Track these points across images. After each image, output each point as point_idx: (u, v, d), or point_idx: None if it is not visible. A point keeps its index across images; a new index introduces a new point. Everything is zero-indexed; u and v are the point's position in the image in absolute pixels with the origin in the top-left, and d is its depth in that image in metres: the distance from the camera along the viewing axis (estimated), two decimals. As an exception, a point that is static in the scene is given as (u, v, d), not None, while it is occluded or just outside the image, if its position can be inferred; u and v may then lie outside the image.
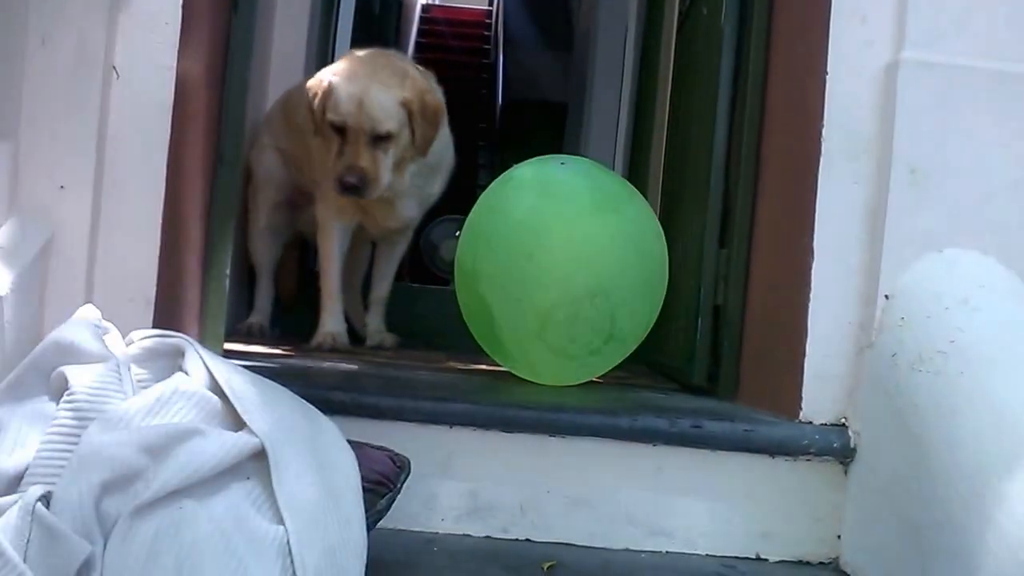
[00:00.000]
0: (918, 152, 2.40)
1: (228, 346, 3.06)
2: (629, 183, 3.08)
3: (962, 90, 2.41)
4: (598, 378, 3.16)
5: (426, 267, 7.75)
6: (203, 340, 2.65)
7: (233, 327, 3.94)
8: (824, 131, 2.48)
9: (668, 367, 3.32)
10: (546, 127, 8.28)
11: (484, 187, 3.20)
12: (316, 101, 3.49)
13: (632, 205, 2.97)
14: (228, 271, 2.78)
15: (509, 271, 2.86)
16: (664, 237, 3.03)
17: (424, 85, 3.56)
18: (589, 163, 3.14)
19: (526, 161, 3.11)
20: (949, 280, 2.31)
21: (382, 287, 4.02)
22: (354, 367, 3.02)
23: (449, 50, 11.81)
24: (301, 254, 4.54)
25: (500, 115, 9.57)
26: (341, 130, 3.45)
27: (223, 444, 1.82)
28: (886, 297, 2.37)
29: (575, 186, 2.97)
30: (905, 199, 2.40)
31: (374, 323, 4.00)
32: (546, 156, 3.11)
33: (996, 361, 2.10)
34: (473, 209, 3.09)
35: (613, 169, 5.16)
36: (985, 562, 1.84)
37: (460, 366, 3.28)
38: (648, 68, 4.68)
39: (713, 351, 2.99)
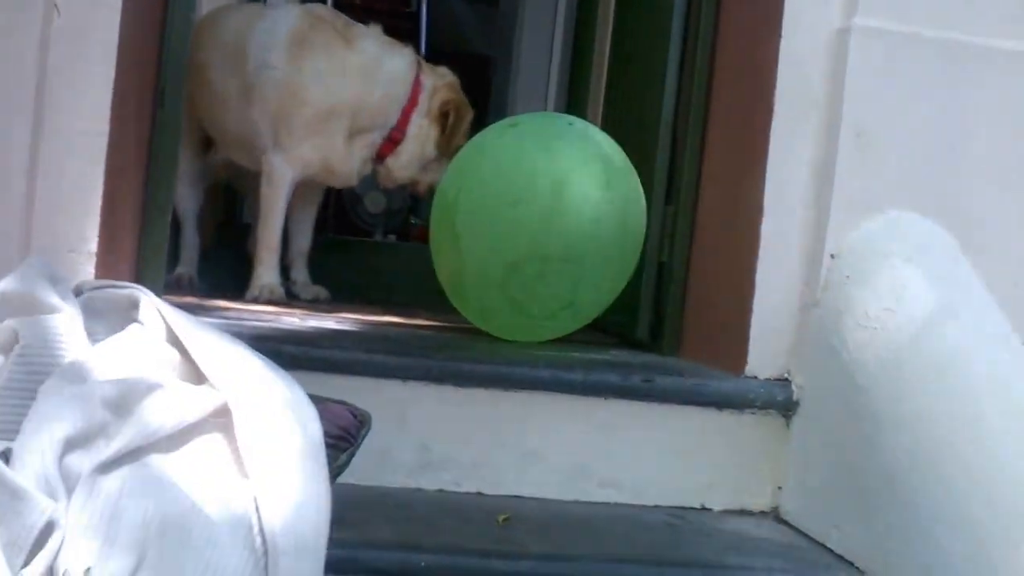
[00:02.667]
0: (865, 115, 2.45)
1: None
2: (628, 160, 3.03)
3: (910, 56, 2.47)
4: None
5: (349, 219, 7.69)
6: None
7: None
8: (777, 91, 2.52)
9: (612, 322, 3.35)
10: (471, 80, 8.22)
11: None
12: None
13: (626, 182, 2.94)
14: (168, 220, 2.73)
15: (490, 213, 2.85)
16: (647, 219, 3.01)
17: None
18: (594, 129, 3.12)
19: (535, 112, 3.11)
20: (893, 240, 2.37)
21: (305, 240, 3.95)
22: (298, 321, 3.02)
23: (367, -6, 11.62)
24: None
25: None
26: None
27: (185, 399, 1.79)
28: (832, 256, 2.41)
29: (576, 150, 2.95)
30: (852, 161, 2.45)
31: (304, 276, 3.93)
32: (555, 113, 3.09)
33: (936, 317, 2.16)
34: (467, 146, 3.09)
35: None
36: (927, 507, 1.90)
37: (402, 320, 3.27)
38: (584, 22, 4.65)
39: (656, 307, 3.02)
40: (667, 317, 2.94)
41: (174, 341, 1.91)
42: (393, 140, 3.58)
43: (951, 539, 1.86)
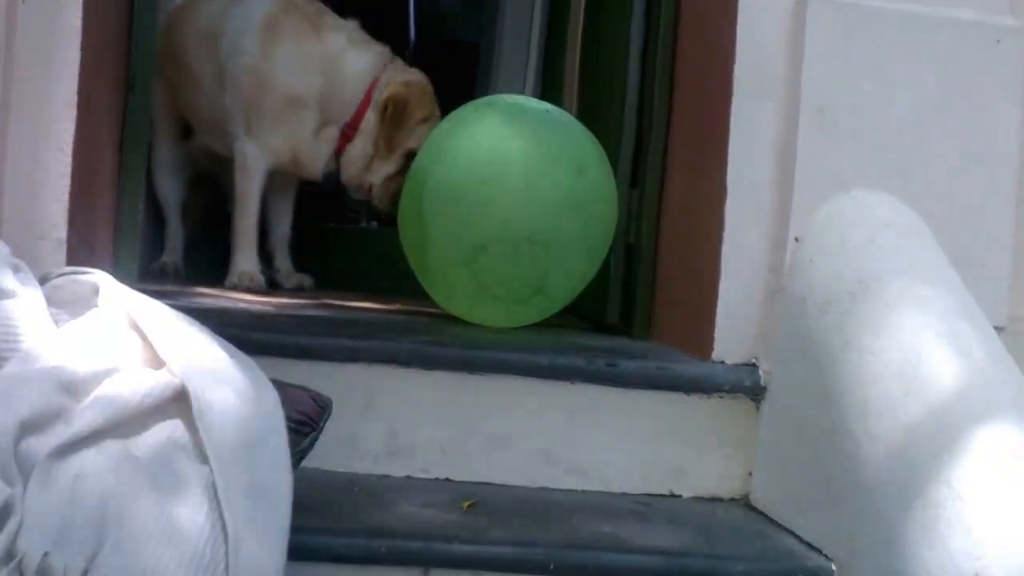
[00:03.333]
0: (826, 92, 2.45)
1: (140, 287, 3.01)
2: (603, 151, 3.01)
3: (869, 30, 2.46)
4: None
5: (336, 206, 7.66)
6: (117, 279, 2.61)
7: (146, 268, 3.89)
8: (736, 69, 2.51)
9: (581, 306, 3.35)
10: (457, 67, 8.20)
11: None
12: None
13: (598, 169, 2.92)
14: (141, 207, 2.73)
15: (458, 190, 2.84)
16: (618, 206, 2.99)
17: None
18: (572, 119, 3.10)
19: (509, 95, 3.16)
20: (856, 220, 2.37)
21: (284, 227, 3.94)
22: (271, 307, 3.01)
23: (357, -17, 11.59)
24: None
25: (411, 53, 9.46)
26: None
27: (144, 383, 1.80)
28: (796, 240, 2.41)
29: (551, 134, 2.92)
30: (814, 139, 2.45)
31: (287, 264, 3.92)
32: (534, 98, 3.15)
33: (901, 299, 2.17)
34: (444, 120, 3.09)
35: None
36: (892, 496, 1.91)
37: (378, 306, 3.26)
38: (559, 8, 4.65)
39: (626, 290, 3.02)
40: (637, 301, 2.94)
41: (135, 327, 1.91)
42: (346, 136, 3.56)
43: (910, 525, 1.86)
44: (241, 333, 2.30)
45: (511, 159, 2.83)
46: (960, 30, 2.50)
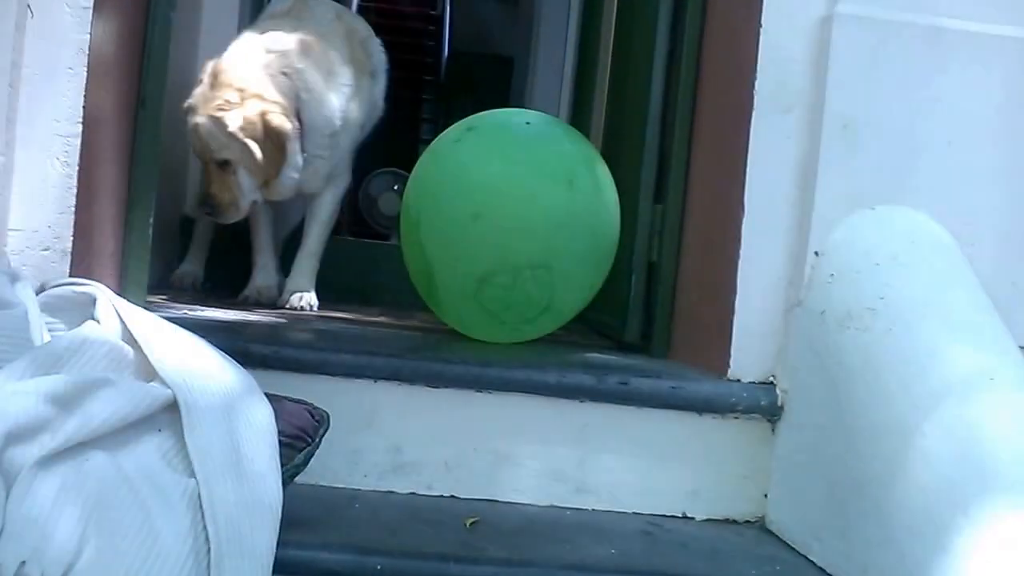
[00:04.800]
0: (850, 107, 2.43)
1: (153, 298, 3.03)
2: (593, 148, 3.02)
3: (895, 45, 2.44)
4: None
5: (365, 221, 7.69)
6: (124, 291, 2.63)
7: (163, 278, 3.92)
8: (757, 84, 2.50)
9: (603, 324, 3.33)
10: (493, 80, 8.23)
11: (428, 142, 3.16)
12: None
13: (591, 177, 2.89)
14: (151, 220, 2.75)
15: (452, 228, 2.82)
16: (619, 209, 2.97)
17: (266, 107, 3.47)
18: (554, 124, 3.07)
19: (491, 112, 3.06)
20: (880, 237, 2.34)
21: (307, 243, 3.90)
22: (279, 321, 3.02)
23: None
24: None
25: (446, 67, 9.51)
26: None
27: (134, 395, 1.82)
28: (816, 254, 2.39)
29: (535, 151, 2.89)
30: (837, 155, 2.42)
31: (295, 282, 3.86)
32: (512, 110, 3.05)
33: (924, 318, 2.14)
34: (426, 153, 3.05)
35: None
36: (905, 520, 1.87)
37: (392, 321, 3.25)
38: (591, 21, 4.65)
39: (647, 308, 3.00)
40: (656, 319, 2.92)
41: (129, 338, 1.93)
42: None
43: (923, 552, 1.83)
44: (245, 346, 2.33)
45: (499, 188, 2.80)
46: (990, 45, 2.48)
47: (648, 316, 3.00)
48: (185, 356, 1.96)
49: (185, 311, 2.94)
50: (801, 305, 2.38)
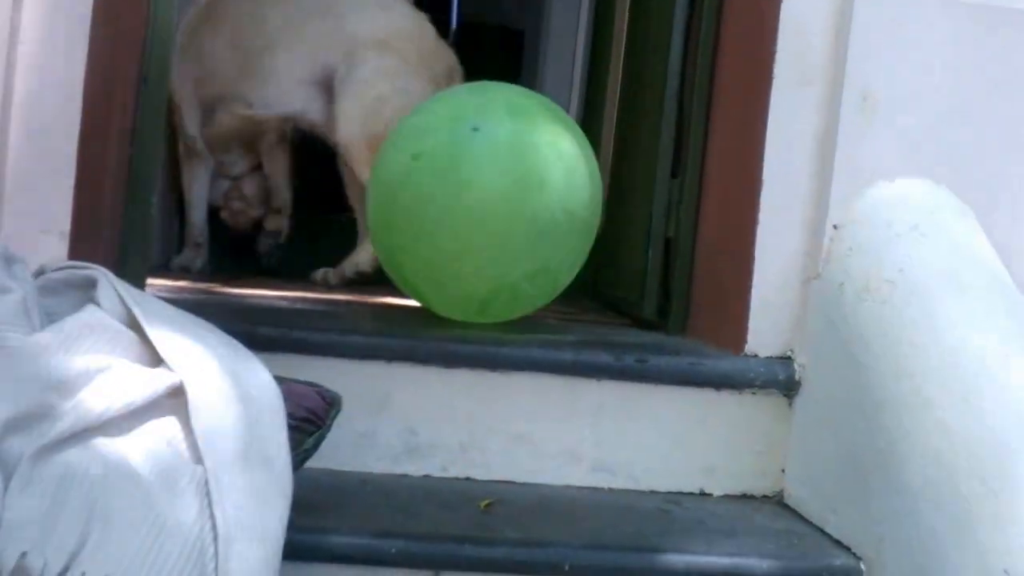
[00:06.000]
0: (870, 78, 2.40)
1: (156, 281, 3.02)
2: (553, 122, 2.76)
3: (917, 15, 2.41)
4: (549, 316, 3.15)
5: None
6: (126, 274, 2.60)
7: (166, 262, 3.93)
8: (777, 55, 2.47)
9: (620, 301, 3.32)
10: (504, 54, 8.18)
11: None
12: None
13: (558, 167, 2.66)
14: (153, 200, 2.73)
15: (434, 271, 2.70)
16: (599, 183, 2.83)
17: None
18: (503, 117, 2.73)
19: (438, 124, 2.76)
20: (899, 208, 2.32)
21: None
22: (286, 302, 3.01)
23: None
24: None
25: (455, 40, 9.43)
26: None
27: (137, 381, 1.79)
28: (835, 227, 2.37)
29: (491, 167, 2.63)
30: (856, 126, 2.40)
31: None
32: (460, 116, 2.73)
33: (943, 289, 2.12)
34: (375, 182, 2.84)
35: (569, 100, 5.10)
36: (923, 491, 1.87)
37: (401, 301, 3.24)
38: (606, -6, 4.62)
39: (664, 285, 2.98)
40: (674, 295, 2.89)
41: (131, 322, 1.91)
42: None
43: (940, 522, 1.83)
44: (252, 329, 2.30)
45: (468, 224, 2.62)
46: (1009, 16, 2.45)
47: (666, 292, 2.97)
48: (190, 340, 1.92)
49: (189, 294, 2.93)
50: (819, 278, 2.37)
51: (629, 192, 3.22)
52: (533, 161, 2.64)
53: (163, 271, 3.64)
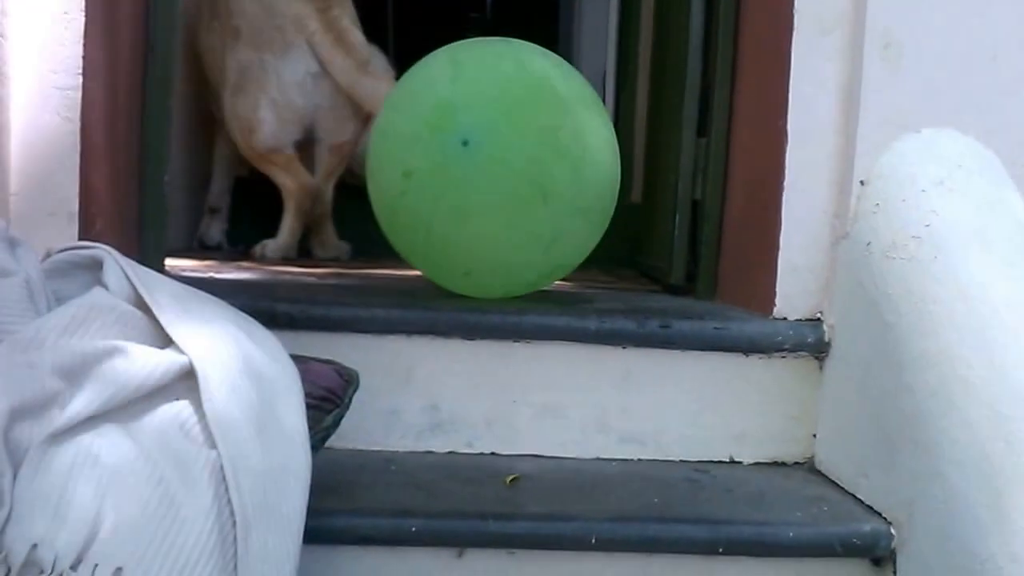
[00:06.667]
0: (893, 24, 2.34)
1: (174, 261, 3.03)
2: (552, 106, 2.55)
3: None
4: (578, 285, 3.14)
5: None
6: (141, 255, 2.61)
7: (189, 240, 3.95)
8: (797, 3, 2.43)
9: (649, 267, 3.30)
10: (541, 15, 8.15)
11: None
12: None
13: (564, 168, 2.51)
14: (165, 177, 2.71)
15: (445, 281, 2.68)
16: (616, 155, 2.67)
17: None
18: (492, 116, 2.52)
19: (430, 135, 2.52)
20: (926, 161, 2.27)
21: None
22: (303, 278, 3.00)
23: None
24: None
25: (490, 12, 9.38)
26: None
27: (147, 363, 1.77)
28: (861, 183, 2.33)
29: (487, 187, 2.49)
30: (880, 76, 2.34)
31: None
32: (441, 121, 2.51)
33: (970, 245, 2.08)
34: (377, 204, 2.68)
35: (605, 65, 5.07)
36: (949, 452, 1.84)
37: (416, 273, 3.20)
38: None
39: (692, 249, 2.96)
40: (702, 259, 2.87)
41: (139, 302, 1.90)
42: None
43: (968, 484, 1.80)
44: (271, 306, 2.31)
45: (474, 251, 2.56)
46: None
47: (694, 257, 2.95)
48: (200, 319, 1.91)
49: (211, 274, 2.94)
50: (847, 237, 2.32)
51: (661, 156, 3.18)
52: (534, 172, 2.48)
53: (188, 250, 3.65)
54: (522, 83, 2.55)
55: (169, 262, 2.83)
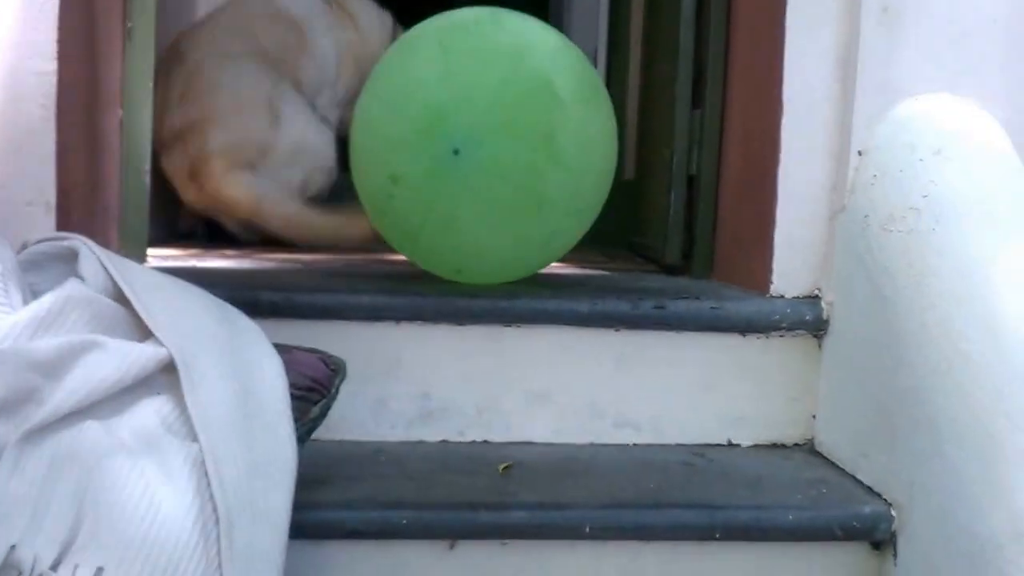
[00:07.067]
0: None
1: (156, 251, 3.04)
2: (549, 103, 2.47)
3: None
4: (571, 265, 3.15)
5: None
6: (123, 246, 2.63)
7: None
8: (790, -37, 2.43)
9: (645, 248, 3.31)
10: (529, 4, 8.14)
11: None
12: None
13: (560, 178, 2.46)
14: (148, 167, 2.73)
15: (437, 274, 2.65)
16: (615, 142, 2.62)
17: None
18: (486, 121, 2.43)
19: (416, 161, 2.46)
20: (923, 130, 2.28)
21: None
22: (286, 265, 3.02)
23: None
24: None
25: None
26: None
27: (126, 357, 1.79)
28: (859, 153, 2.34)
29: (481, 198, 2.44)
30: (877, 42, 2.35)
31: None
32: (431, 125, 2.43)
33: (969, 215, 2.09)
34: (364, 204, 2.66)
35: (596, 35, 5.06)
36: (949, 430, 1.86)
37: (401, 257, 3.21)
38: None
39: (688, 227, 2.97)
40: (697, 237, 2.88)
41: (117, 294, 1.91)
42: None
43: (968, 462, 1.81)
44: (254, 295, 2.31)
45: (466, 258, 2.57)
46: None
47: (690, 235, 2.96)
48: (181, 310, 1.92)
49: (193, 262, 2.95)
50: (845, 210, 2.33)
51: (655, 132, 3.19)
52: (529, 181, 2.44)
53: (171, 238, 3.66)
54: (518, 84, 2.45)
55: (151, 251, 2.84)
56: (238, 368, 1.90)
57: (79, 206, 2.44)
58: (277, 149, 3.63)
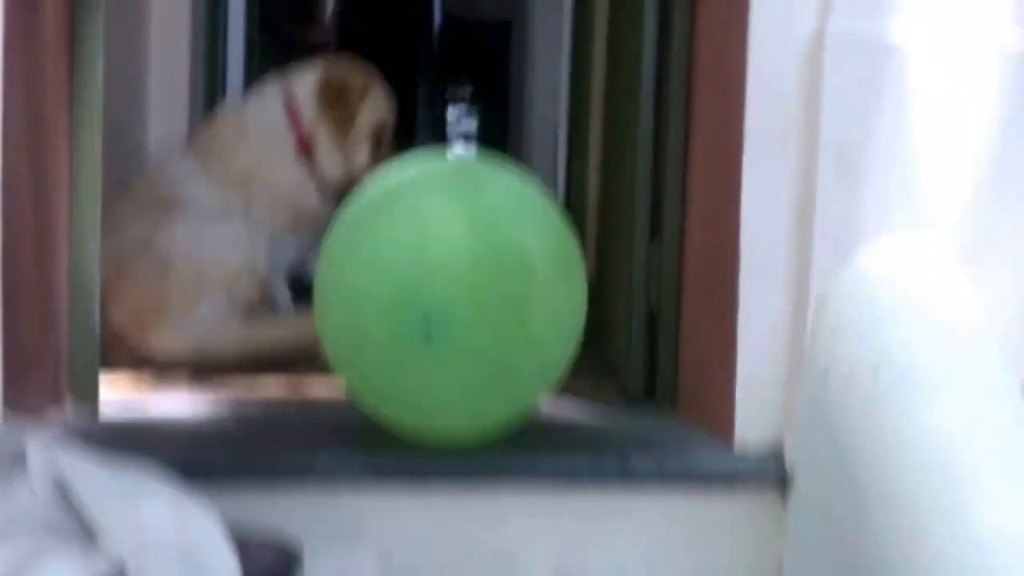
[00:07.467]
0: (846, 136, 2.42)
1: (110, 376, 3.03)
2: (523, 281, 2.47)
3: (892, 66, 2.42)
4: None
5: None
6: (73, 388, 2.63)
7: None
8: (747, 112, 2.48)
9: (610, 373, 3.32)
10: (490, 49, 8.20)
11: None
12: None
13: (534, 356, 2.51)
14: (98, 292, 2.68)
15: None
16: (584, 298, 2.62)
17: None
18: (460, 301, 2.42)
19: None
20: (881, 282, 2.34)
21: None
22: (238, 411, 2.93)
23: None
24: None
25: (438, 36, 9.39)
26: None
27: (74, 569, 1.81)
28: (818, 303, 2.39)
29: (454, 377, 2.45)
30: (834, 189, 2.41)
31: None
32: (403, 311, 2.42)
33: (929, 377, 2.14)
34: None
35: (558, 101, 5.08)
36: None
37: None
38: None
39: (650, 355, 2.98)
40: (659, 370, 2.91)
41: (65, 500, 1.93)
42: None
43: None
44: (209, 458, 2.37)
45: (436, 429, 2.56)
46: (986, 59, 2.47)
47: (652, 366, 2.98)
48: (134, 509, 1.96)
49: (147, 407, 2.89)
50: (805, 361, 2.38)
51: (613, 256, 3.23)
52: (501, 359, 2.46)
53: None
54: (491, 257, 2.45)
55: (104, 375, 2.80)
56: (193, 570, 1.92)
57: (27, 351, 2.45)
58: None
